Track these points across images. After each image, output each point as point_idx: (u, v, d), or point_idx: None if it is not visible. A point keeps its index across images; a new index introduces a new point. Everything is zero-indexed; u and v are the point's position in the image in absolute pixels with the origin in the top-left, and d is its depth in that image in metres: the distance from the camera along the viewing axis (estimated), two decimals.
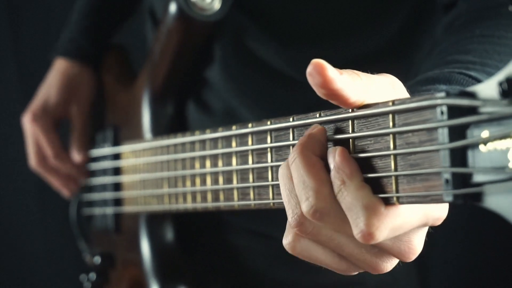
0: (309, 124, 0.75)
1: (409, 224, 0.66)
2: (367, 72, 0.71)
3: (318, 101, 1.14)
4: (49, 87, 1.45)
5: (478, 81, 0.83)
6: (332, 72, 0.66)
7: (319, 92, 0.68)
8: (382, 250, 0.70)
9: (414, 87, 0.80)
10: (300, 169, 0.69)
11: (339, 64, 1.12)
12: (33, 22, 2.05)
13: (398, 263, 0.73)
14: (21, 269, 2.09)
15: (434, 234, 0.73)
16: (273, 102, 1.17)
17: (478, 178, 0.57)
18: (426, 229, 0.70)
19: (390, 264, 0.72)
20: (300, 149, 0.70)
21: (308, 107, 0.78)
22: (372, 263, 0.71)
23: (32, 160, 1.46)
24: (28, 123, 1.44)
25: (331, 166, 0.68)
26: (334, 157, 0.68)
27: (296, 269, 1.23)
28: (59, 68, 1.45)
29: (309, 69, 0.67)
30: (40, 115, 1.43)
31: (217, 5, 1.11)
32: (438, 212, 0.67)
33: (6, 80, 2.07)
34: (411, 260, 0.70)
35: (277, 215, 1.21)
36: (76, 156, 1.45)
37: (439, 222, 0.68)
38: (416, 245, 0.69)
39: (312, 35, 1.14)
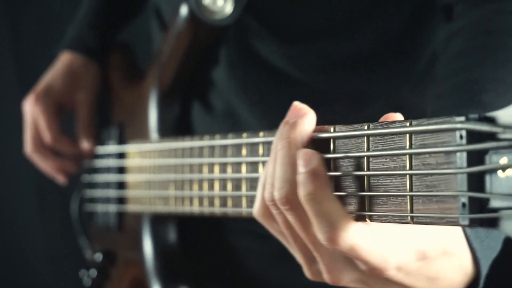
0: (323, 138, 0.75)
1: (366, 252, 0.70)
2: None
3: (321, 103, 1.15)
4: (54, 75, 1.44)
5: None
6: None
7: None
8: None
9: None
10: (285, 159, 0.73)
11: (342, 63, 1.13)
12: (33, 22, 2.04)
13: None
14: (20, 268, 2.09)
15: None
16: (275, 103, 1.18)
17: (495, 203, 0.57)
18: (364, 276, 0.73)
19: (317, 274, 0.79)
20: (289, 140, 0.74)
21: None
22: (306, 258, 0.79)
23: (28, 145, 1.44)
24: (29, 105, 1.42)
25: (301, 170, 0.72)
26: (310, 163, 0.71)
27: (296, 269, 1.23)
28: (64, 60, 1.45)
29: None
30: (43, 96, 1.41)
31: (228, 9, 1.11)
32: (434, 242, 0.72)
33: (5, 78, 2.06)
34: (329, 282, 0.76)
35: None
36: (85, 145, 1.44)
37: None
38: (344, 275, 0.75)
39: (316, 36, 1.14)
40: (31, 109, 1.42)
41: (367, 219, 0.69)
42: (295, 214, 0.73)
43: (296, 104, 0.78)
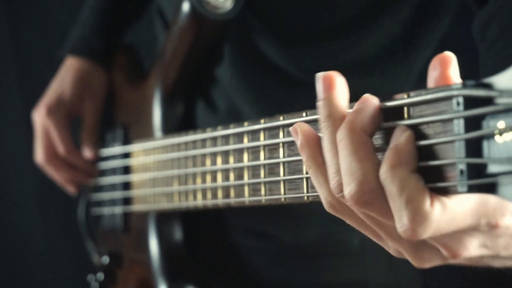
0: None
1: (458, 222, 0.61)
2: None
3: None
4: (62, 83, 1.45)
5: None
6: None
7: None
8: (426, 241, 0.66)
9: None
10: (348, 149, 0.65)
11: (344, 63, 1.13)
12: (33, 22, 2.05)
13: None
14: (22, 269, 2.09)
15: None
16: (278, 101, 1.18)
17: (493, 168, 0.56)
18: (485, 237, 0.64)
19: (430, 260, 0.67)
20: (349, 127, 0.65)
21: (312, 107, 0.78)
22: (411, 253, 0.67)
23: (40, 155, 1.45)
24: (41, 117, 1.43)
25: (391, 144, 0.63)
26: (399, 137, 0.63)
27: (300, 268, 1.23)
28: (71, 66, 1.45)
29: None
30: (55, 109, 1.42)
31: (229, 4, 1.11)
32: (495, 214, 0.61)
33: (6, 80, 2.07)
34: (457, 260, 0.65)
35: (281, 215, 1.22)
36: (88, 153, 1.45)
37: (496, 229, 0.62)
38: (467, 245, 0.64)
39: (318, 35, 1.14)
40: (42, 121, 1.43)
41: None
42: (371, 209, 0.65)
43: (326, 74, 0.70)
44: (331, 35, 1.14)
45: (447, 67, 0.63)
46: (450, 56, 0.63)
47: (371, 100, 0.67)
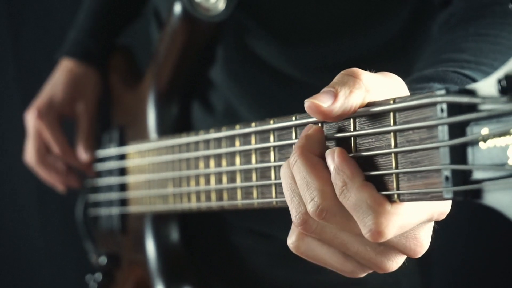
0: (312, 123, 0.75)
1: (415, 220, 0.66)
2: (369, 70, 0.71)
3: None
4: (55, 85, 1.45)
5: (473, 80, 0.83)
6: (327, 107, 0.68)
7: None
8: (388, 247, 0.70)
9: (408, 85, 0.80)
10: (302, 171, 0.69)
11: (339, 63, 1.13)
12: (33, 22, 2.05)
13: (404, 262, 0.72)
14: (21, 270, 2.10)
15: (436, 234, 0.73)
16: (274, 102, 1.18)
17: (478, 175, 0.57)
18: (432, 223, 0.70)
19: (396, 262, 0.71)
20: (300, 151, 0.70)
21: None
22: (378, 262, 0.71)
23: (31, 156, 1.45)
24: (32, 119, 1.43)
25: (331, 167, 0.68)
26: (334, 159, 0.68)
27: (298, 268, 1.23)
28: (64, 68, 1.45)
29: (306, 109, 0.69)
30: (46, 112, 1.42)
31: (221, 5, 1.11)
32: (443, 207, 0.67)
33: (5, 80, 2.07)
34: (419, 255, 0.70)
35: (279, 215, 1.21)
36: (83, 155, 1.45)
37: (443, 216, 0.68)
38: (423, 240, 0.69)
39: (313, 34, 1.14)
40: (34, 123, 1.43)
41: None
42: (334, 220, 0.69)
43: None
44: (328, 34, 1.14)
45: (320, 109, 0.68)
46: (314, 103, 0.68)
47: (314, 127, 0.72)
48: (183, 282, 1.26)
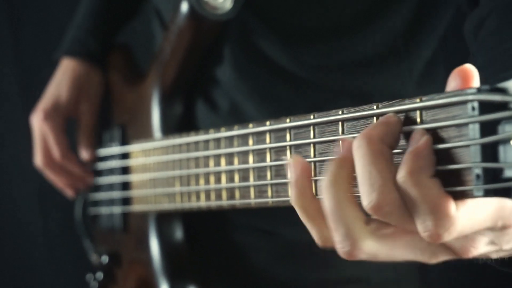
0: (331, 122, 0.75)
1: (478, 225, 0.62)
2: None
3: (324, 100, 1.16)
4: (59, 86, 1.44)
5: None
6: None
7: None
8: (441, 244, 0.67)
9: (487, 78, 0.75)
10: (365, 159, 0.64)
11: (345, 61, 1.13)
12: (33, 22, 2.05)
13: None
14: (21, 269, 2.09)
15: None
16: (279, 101, 1.18)
17: (509, 173, 0.57)
18: (495, 236, 0.65)
19: (442, 256, 0.68)
20: (369, 138, 0.64)
21: (314, 106, 0.78)
22: (426, 254, 0.67)
23: (39, 159, 1.45)
24: (38, 121, 1.43)
25: (410, 148, 0.63)
26: (418, 141, 0.63)
27: (301, 265, 1.24)
28: (66, 68, 1.45)
29: None
30: (52, 114, 1.42)
31: (228, 4, 1.11)
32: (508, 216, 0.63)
33: (5, 80, 2.06)
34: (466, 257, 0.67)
35: (282, 213, 1.22)
36: (84, 154, 1.45)
37: (508, 229, 0.64)
38: (479, 246, 0.65)
39: (319, 34, 1.15)
40: (40, 125, 1.43)
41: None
42: (390, 219, 0.64)
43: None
44: (332, 33, 1.14)
45: (468, 81, 0.63)
46: (471, 70, 0.63)
47: (392, 116, 0.66)
48: (187, 280, 1.26)
